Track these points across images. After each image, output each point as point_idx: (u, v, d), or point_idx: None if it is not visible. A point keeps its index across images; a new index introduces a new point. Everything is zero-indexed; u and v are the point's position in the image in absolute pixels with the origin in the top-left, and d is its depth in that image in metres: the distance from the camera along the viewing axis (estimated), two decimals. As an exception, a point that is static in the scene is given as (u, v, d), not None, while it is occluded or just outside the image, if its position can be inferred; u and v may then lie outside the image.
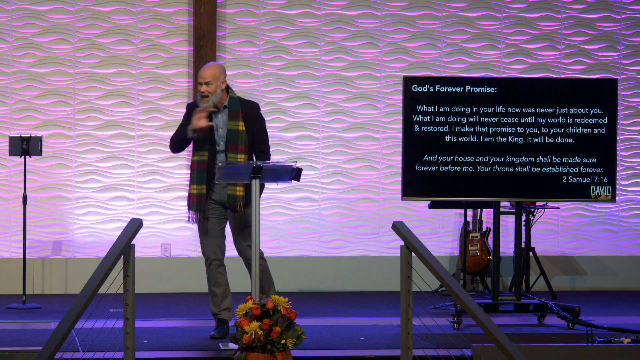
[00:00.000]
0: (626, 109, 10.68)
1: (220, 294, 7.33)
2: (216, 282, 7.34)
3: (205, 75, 7.23)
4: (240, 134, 7.24)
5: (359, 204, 10.39)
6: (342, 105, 10.38)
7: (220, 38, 10.16)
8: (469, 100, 7.93)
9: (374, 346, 7.16)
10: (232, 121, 7.24)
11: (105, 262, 5.54)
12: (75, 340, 6.67)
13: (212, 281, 7.35)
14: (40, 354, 4.86)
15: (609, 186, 7.99)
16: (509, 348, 5.21)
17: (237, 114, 7.26)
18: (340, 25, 10.37)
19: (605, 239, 10.69)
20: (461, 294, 5.60)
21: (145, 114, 10.13)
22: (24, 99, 9.99)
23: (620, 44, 10.68)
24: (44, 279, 9.98)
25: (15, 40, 9.98)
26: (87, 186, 10.06)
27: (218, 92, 7.23)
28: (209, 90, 7.22)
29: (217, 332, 7.32)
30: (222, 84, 7.26)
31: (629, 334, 7.49)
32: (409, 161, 7.89)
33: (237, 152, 7.21)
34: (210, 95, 7.21)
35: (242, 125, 7.25)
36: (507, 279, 10.41)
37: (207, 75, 7.23)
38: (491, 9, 10.53)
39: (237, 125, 7.24)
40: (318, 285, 10.29)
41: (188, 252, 10.17)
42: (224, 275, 7.36)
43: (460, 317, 7.81)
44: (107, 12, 10.08)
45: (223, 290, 7.34)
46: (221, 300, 7.32)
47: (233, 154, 7.21)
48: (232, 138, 7.23)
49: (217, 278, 7.33)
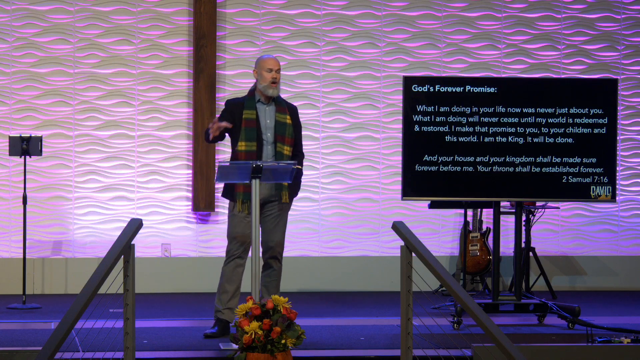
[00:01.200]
0: (626, 109, 10.68)
1: (231, 291, 7.35)
2: (230, 279, 7.36)
3: (277, 64, 7.42)
4: (287, 126, 7.38)
5: (359, 204, 10.39)
6: (342, 105, 10.38)
7: (220, 38, 10.16)
8: (469, 100, 7.93)
9: (374, 346, 7.16)
10: (280, 114, 7.39)
11: (105, 262, 5.54)
12: (75, 340, 6.67)
13: (227, 277, 7.37)
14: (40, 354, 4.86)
15: (609, 186, 7.99)
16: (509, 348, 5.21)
17: (284, 108, 7.43)
18: (340, 25, 10.37)
19: (605, 239, 10.69)
20: (461, 294, 5.60)
21: (145, 114, 10.14)
22: (24, 99, 9.99)
23: (620, 44, 10.68)
24: (44, 279, 9.98)
25: (15, 40, 9.98)
26: (87, 186, 10.06)
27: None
28: (279, 78, 7.42)
29: (212, 331, 7.33)
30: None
31: (629, 334, 7.49)
32: (409, 161, 7.88)
33: (284, 144, 7.34)
34: (278, 83, 7.41)
35: (289, 119, 7.39)
36: (507, 279, 10.41)
37: (278, 64, 7.42)
38: (491, 9, 10.53)
39: (285, 118, 7.40)
40: (318, 285, 10.29)
41: (188, 252, 10.17)
42: (240, 276, 7.39)
43: (460, 317, 7.81)
44: (107, 12, 10.08)
45: (235, 290, 7.36)
46: (229, 298, 7.33)
47: (281, 145, 7.34)
48: (281, 130, 7.35)
49: (234, 276, 7.36)
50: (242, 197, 7.32)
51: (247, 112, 7.37)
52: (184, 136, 10.15)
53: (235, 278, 7.37)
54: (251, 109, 7.36)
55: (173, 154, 10.16)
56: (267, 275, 7.48)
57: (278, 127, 7.36)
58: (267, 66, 7.39)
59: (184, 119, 10.16)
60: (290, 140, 7.37)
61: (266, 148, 7.34)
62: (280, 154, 7.30)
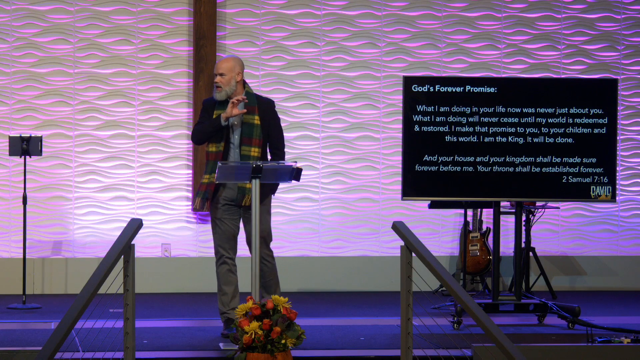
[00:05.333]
0: (626, 109, 10.68)
1: (230, 293, 7.36)
2: (227, 281, 7.37)
3: (220, 67, 7.34)
4: (255, 127, 7.30)
5: (359, 204, 10.39)
6: (342, 105, 10.38)
7: (220, 38, 10.16)
8: (469, 100, 7.93)
9: (374, 346, 7.16)
10: (248, 115, 7.30)
11: (105, 262, 5.54)
12: (75, 340, 6.67)
13: (223, 280, 7.38)
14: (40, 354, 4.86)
15: (609, 186, 7.99)
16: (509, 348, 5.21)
17: (253, 108, 7.34)
18: (340, 25, 10.37)
19: (605, 239, 10.69)
20: (461, 294, 5.60)
21: (145, 114, 10.14)
22: (24, 99, 9.99)
23: (620, 44, 10.68)
24: (44, 279, 9.98)
25: (15, 40, 9.98)
26: (87, 186, 10.06)
27: (232, 83, 7.31)
28: (222, 82, 7.31)
29: (229, 330, 7.35)
30: (237, 76, 7.34)
31: (629, 334, 7.49)
32: (409, 161, 7.89)
33: (250, 145, 7.28)
34: (222, 86, 7.30)
35: (257, 120, 7.31)
36: (507, 279, 10.41)
37: (221, 67, 7.34)
38: (491, 9, 10.53)
39: (252, 119, 7.31)
40: (318, 285, 10.29)
41: (188, 252, 10.17)
42: (235, 275, 7.39)
43: (460, 317, 7.81)
44: (107, 12, 10.08)
45: (233, 290, 7.37)
46: (230, 299, 7.35)
47: (247, 147, 7.28)
48: (247, 131, 7.29)
49: (229, 277, 7.36)
50: (201, 195, 7.34)
51: (216, 112, 7.34)
52: (184, 136, 10.15)
53: (231, 278, 7.37)
54: (220, 109, 7.33)
55: (173, 154, 10.16)
56: (262, 276, 7.48)
57: (245, 128, 7.29)
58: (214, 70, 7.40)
59: (184, 119, 10.16)
60: (259, 141, 7.29)
61: (233, 151, 7.30)
62: (247, 156, 7.24)
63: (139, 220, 5.94)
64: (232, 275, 7.37)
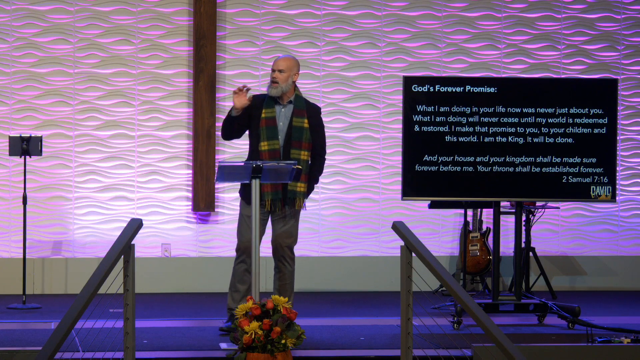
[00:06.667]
0: (626, 109, 10.68)
1: (243, 291, 7.38)
2: (242, 280, 7.39)
3: (280, 64, 7.35)
4: (304, 131, 7.33)
5: (359, 204, 10.39)
6: (342, 105, 10.38)
7: (220, 38, 10.16)
8: (469, 100, 7.93)
9: (374, 346, 7.16)
10: (298, 118, 7.33)
11: (105, 262, 5.54)
12: (75, 340, 6.67)
13: (238, 278, 7.40)
14: (40, 354, 4.86)
15: (609, 186, 7.99)
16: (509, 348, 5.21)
17: (302, 111, 7.37)
18: (340, 25, 10.37)
19: (605, 239, 10.69)
20: (461, 294, 5.60)
21: (145, 114, 10.13)
22: (24, 99, 9.99)
23: (620, 44, 10.68)
24: (44, 279, 9.98)
25: (15, 40, 9.98)
26: (87, 186, 10.06)
27: (289, 82, 7.35)
28: (280, 78, 7.33)
29: (227, 325, 7.35)
30: (295, 76, 7.38)
31: (629, 334, 7.49)
32: (409, 161, 7.88)
33: (300, 149, 7.31)
34: (280, 82, 7.32)
35: (306, 123, 7.33)
36: (507, 279, 10.41)
37: (281, 64, 7.35)
38: (491, 9, 10.53)
39: (302, 122, 7.34)
40: (318, 285, 10.29)
41: (188, 252, 10.17)
42: (251, 275, 7.39)
43: (460, 317, 7.81)
44: (107, 12, 10.08)
45: (246, 290, 7.37)
46: (242, 297, 7.36)
47: (296, 150, 7.30)
48: (297, 135, 7.32)
49: (244, 276, 7.38)
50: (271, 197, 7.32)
51: (266, 110, 7.35)
52: (184, 136, 10.15)
53: (246, 279, 7.39)
54: (270, 107, 7.35)
55: (173, 154, 10.16)
56: (279, 279, 7.49)
57: (294, 131, 7.32)
58: (272, 66, 7.40)
59: (184, 119, 10.16)
60: (308, 144, 7.33)
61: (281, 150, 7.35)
62: (297, 159, 7.25)
63: (139, 220, 5.94)
64: (248, 275, 7.36)
